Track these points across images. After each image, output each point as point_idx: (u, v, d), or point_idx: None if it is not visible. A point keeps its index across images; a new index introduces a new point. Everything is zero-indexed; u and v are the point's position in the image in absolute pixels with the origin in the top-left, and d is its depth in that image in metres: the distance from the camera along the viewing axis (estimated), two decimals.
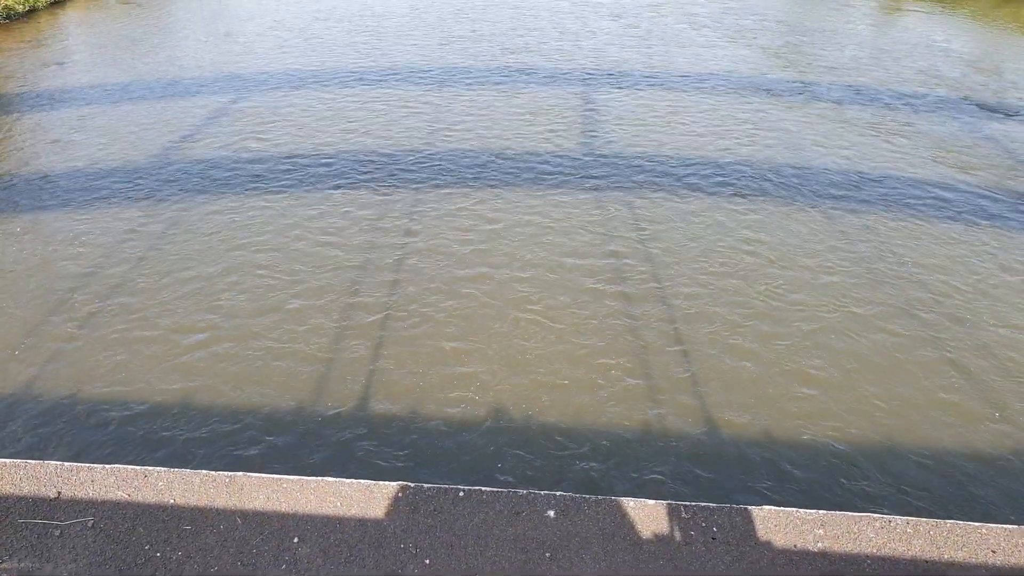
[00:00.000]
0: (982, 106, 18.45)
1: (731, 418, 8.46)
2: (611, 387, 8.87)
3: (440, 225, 12.41)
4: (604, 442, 8.09)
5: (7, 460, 6.49)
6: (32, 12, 25.58)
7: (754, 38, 24.41)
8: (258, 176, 14.04)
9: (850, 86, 19.83)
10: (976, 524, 6.16)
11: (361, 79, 19.75)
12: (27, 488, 6.23)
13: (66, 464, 6.48)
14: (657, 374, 9.09)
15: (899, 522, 6.14)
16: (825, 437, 8.24)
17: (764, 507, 6.26)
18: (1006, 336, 9.86)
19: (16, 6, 24.70)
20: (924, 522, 6.15)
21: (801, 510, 6.25)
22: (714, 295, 10.64)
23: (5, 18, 24.10)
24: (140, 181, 13.79)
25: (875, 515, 6.21)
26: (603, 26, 26.29)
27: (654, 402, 8.66)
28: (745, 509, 6.23)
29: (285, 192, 13.45)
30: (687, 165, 14.80)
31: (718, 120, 17.22)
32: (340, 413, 8.40)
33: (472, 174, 14.29)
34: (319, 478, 6.44)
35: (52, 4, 26.92)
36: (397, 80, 19.68)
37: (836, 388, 8.96)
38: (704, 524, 6.08)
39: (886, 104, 18.50)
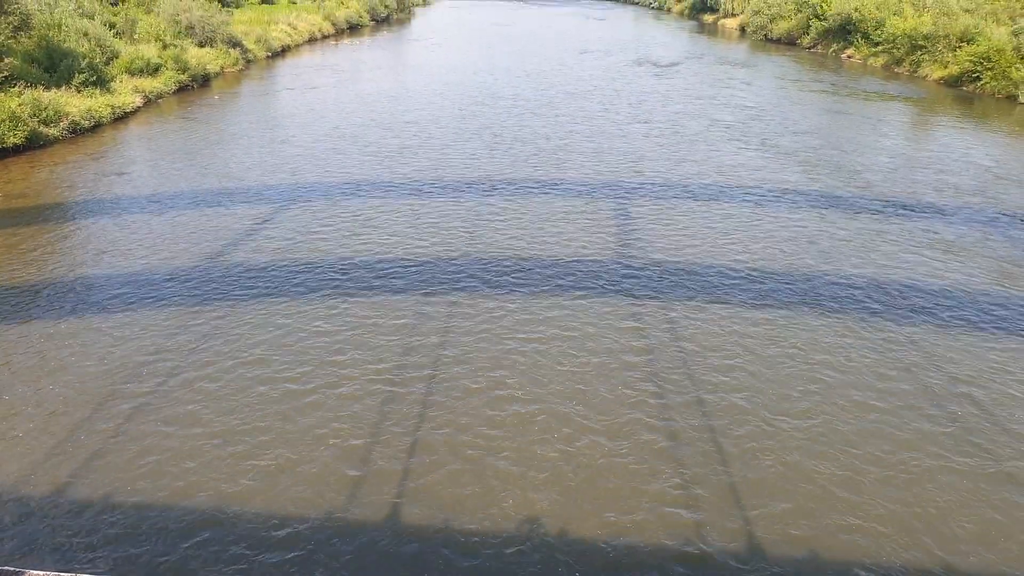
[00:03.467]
0: (1015, 216, 18.38)
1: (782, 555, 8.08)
2: (649, 509, 8.58)
3: (474, 332, 12.46)
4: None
5: (51, 573, 6.41)
6: (96, 127, 27.21)
7: (776, 144, 24.87)
8: (301, 281, 14.36)
9: (881, 196, 19.94)
10: None
11: (407, 185, 20.42)
12: None
13: None
14: (705, 505, 8.79)
15: None
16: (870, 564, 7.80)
17: None
18: None
19: (82, 121, 26.33)
20: None
21: None
22: (763, 416, 10.40)
23: (71, 132, 25.63)
24: (188, 285, 14.18)
25: None
26: (633, 130, 27.17)
27: (701, 539, 8.34)
28: None
29: (326, 296, 13.70)
30: (720, 273, 14.82)
31: (747, 227, 17.35)
32: (375, 523, 8.22)
33: (508, 279, 14.46)
34: None
35: (115, 120, 28.65)
36: (441, 187, 20.30)
37: (896, 524, 8.56)
38: None
39: (918, 214, 18.52)
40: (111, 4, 47.68)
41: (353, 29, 75.92)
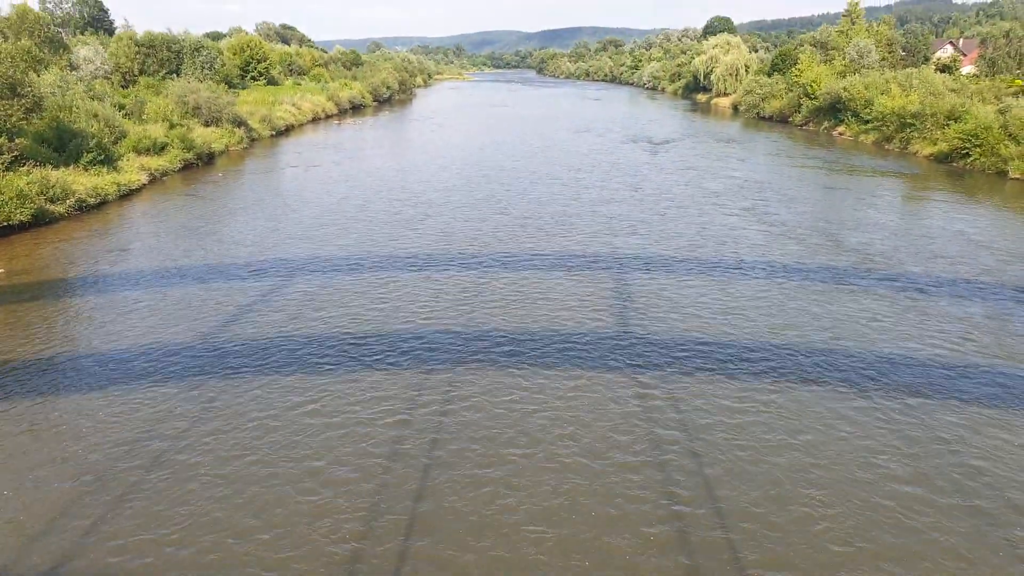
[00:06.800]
0: (1015, 289, 18.43)
1: None
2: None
3: (472, 416, 12.30)
4: None
5: None
6: (103, 204, 27.61)
7: (769, 217, 25.11)
8: (300, 356, 14.27)
9: (872, 267, 20.03)
10: None
11: (408, 260, 20.54)
12: None
13: None
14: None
15: None
16: None
17: None
18: None
19: (88, 198, 26.72)
20: None
21: None
22: (765, 483, 10.18)
23: (77, 209, 25.97)
24: (189, 361, 14.06)
25: None
26: (629, 199, 27.50)
27: None
28: None
29: (327, 371, 13.58)
30: (720, 345, 14.74)
31: (745, 300, 17.37)
32: None
33: (507, 353, 14.37)
34: None
35: (121, 197, 29.10)
36: (445, 258, 20.42)
37: None
38: None
39: (914, 288, 18.55)
40: (121, 86, 49.18)
41: (356, 109, 78.05)
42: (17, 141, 25.49)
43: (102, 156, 29.69)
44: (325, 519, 9.45)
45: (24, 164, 25.14)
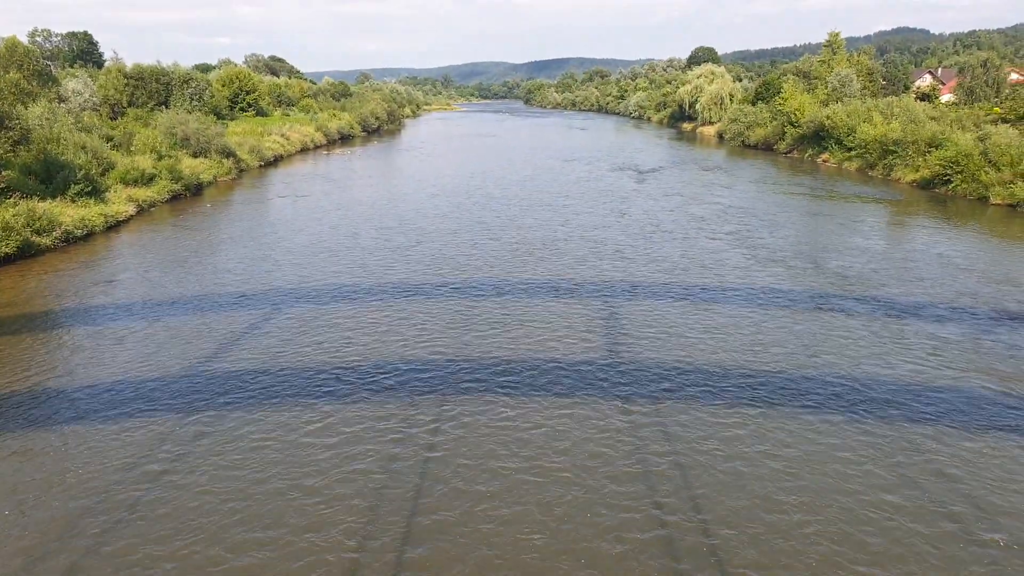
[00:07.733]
0: (998, 312, 18.60)
1: None
2: None
3: (464, 437, 12.26)
4: None
5: None
6: (89, 235, 27.51)
7: (755, 243, 25.35)
8: (293, 382, 14.20)
9: (862, 295, 20.20)
10: None
11: (399, 286, 20.58)
12: None
13: None
14: None
15: None
16: None
17: None
18: None
19: (75, 230, 26.63)
20: None
21: None
22: (753, 508, 10.17)
23: (64, 241, 25.88)
24: (176, 394, 13.94)
25: None
26: (610, 221, 27.65)
27: None
28: None
29: (320, 396, 13.51)
30: (710, 373, 14.78)
31: (728, 321, 17.46)
32: None
33: (498, 381, 14.34)
34: None
35: (108, 228, 29.03)
36: (434, 287, 20.46)
37: None
38: None
39: (895, 309, 18.71)
40: (110, 118, 49.33)
41: (345, 139, 78.46)
42: (4, 173, 25.46)
43: (89, 188, 29.66)
44: (322, 535, 9.45)
45: (10, 196, 25.09)
